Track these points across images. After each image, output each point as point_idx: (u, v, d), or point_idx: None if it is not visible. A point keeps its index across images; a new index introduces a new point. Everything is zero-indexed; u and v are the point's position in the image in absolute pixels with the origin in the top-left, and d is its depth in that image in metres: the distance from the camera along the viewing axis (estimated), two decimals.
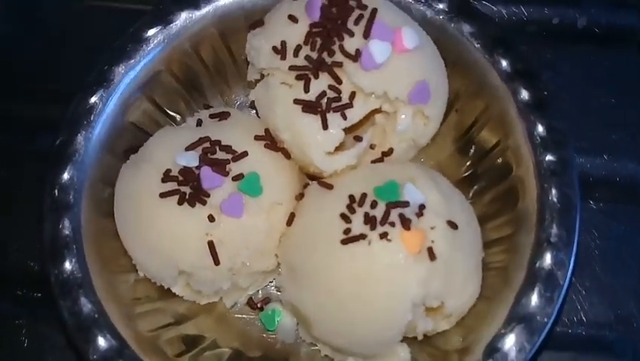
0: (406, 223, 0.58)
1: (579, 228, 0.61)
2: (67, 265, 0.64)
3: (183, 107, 0.77)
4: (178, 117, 0.76)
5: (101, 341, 0.61)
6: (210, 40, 0.74)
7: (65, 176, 0.67)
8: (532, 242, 0.62)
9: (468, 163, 0.73)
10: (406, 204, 0.59)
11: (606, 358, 0.71)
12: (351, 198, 0.60)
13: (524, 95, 0.67)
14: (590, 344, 0.71)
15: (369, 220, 0.58)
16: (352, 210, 0.60)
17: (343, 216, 0.59)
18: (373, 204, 0.59)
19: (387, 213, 0.58)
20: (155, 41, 0.72)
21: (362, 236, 0.58)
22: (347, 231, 0.59)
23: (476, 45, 0.70)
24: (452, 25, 0.71)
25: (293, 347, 0.70)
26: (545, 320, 0.58)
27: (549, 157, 0.64)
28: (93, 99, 0.69)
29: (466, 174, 0.73)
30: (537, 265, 0.60)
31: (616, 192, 0.77)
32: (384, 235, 0.58)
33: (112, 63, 0.71)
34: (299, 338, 0.70)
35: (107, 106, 0.70)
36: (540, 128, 0.65)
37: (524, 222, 0.63)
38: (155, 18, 0.72)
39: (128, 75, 0.71)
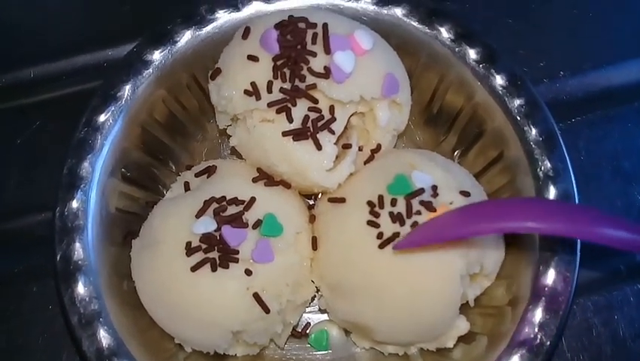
0: (430, 207, 0.61)
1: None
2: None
3: (160, 175, 0.75)
4: (160, 187, 0.75)
5: None
6: (162, 101, 0.73)
7: (80, 289, 0.64)
8: (532, 182, 0.67)
9: (442, 132, 0.77)
10: (421, 191, 0.63)
11: None
12: (371, 203, 0.63)
13: (473, 55, 0.72)
14: None
15: (397, 218, 0.61)
16: (377, 215, 0.62)
17: (371, 223, 0.62)
18: (393, 202, 0.62)
19: (409, 206, 0.62)
20: (110, 121, 0.70)
21: (396, 234, 0.61)
22: (380, 235, 0.61)
23: (414, 23, 0.74)
24: (385, 11, 0.74)
25: (351, 358, 0.73)
26: (548, 343, 0.62)
27: (517, 101, 0.70)
28: (75, 204, 0.67)
29: (444, 141, 0.77)
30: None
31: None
32: (415, 225, 0.61)
33: (78, 159, 0.68)
34: (354, 347, 0.72)
35: (90, 203, 0.67)
36: (499, 80, 0.71)
37: (516, 168, 0.69)
38: (105, 99, 0.70)
39: (96, 166, 0.68)
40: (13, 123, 0.83)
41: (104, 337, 0.62)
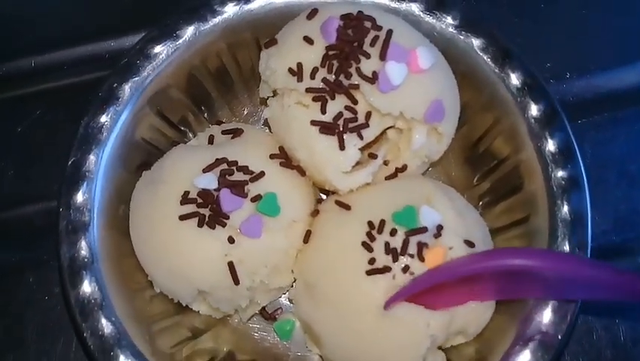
0: (421, 255, 0.59)
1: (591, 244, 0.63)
2: (87, 287, 0.64)
3: (193, 121, 0.76)
4: (188, 132, 0.76)
5: None
6: (218, 54, 0.74)
7: (80, 197, 0.67)
8: None
9: (478, 175, 0.74)
10: (423, 230, 0.60)
11: None
12: (370, 224, 0.61)
13: (534, 110, 0.68)
14: None
15: (390, 251, 0.60)
16: (372, 238, 0.61)
17: (365, 245, 0.60)
18: (393, 232, 0.61)
19: (405, 244, 0.60)
20: (163, 57, 0.71)
21: (387, 269, 0.59)
22: (372, 261, 0.60)
23: (486, 59, 0.71)
24: (462, 38, 0.71)
25: (306, 358, 0.72)
26: (559, 336, 0.60)
27: (560, 173, 0.66)
28: (103, 118, 0.69)
29: (476, 185, 0.74)
30: None
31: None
32: (406, 269, 0.59)
33: (120, 81, 0.70)
34: (312, 351, 0.71)
35: (118, 124, 0.69)
36: (551, 145, 0.67)
37: (536, 237, 0.65)
38: (162, 33, 0.71)
39: (137, 92, 0.70)
40: (13, 113, 0.82)
41: (83, 247, 0.65)
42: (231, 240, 0.62)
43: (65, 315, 0.73)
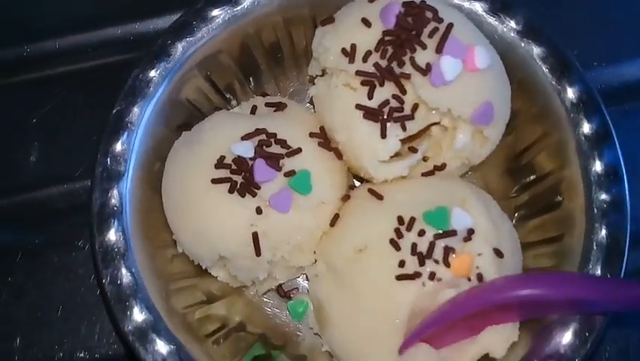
0: (446, 260, 0.58)
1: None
2: (112, 235, 0.65)
3: (239, 89, 0.77)
4: (232, 100, 0.76)
5: (137, 313, 0.63)
6: (273, 26, 0.74)
7: (119, 146, 0.67)
8: None
9: (517, 187, 0.72)
10: (452, 233, 0.59)
11: None
12: (400, 220, 0.60)
13: (586, 128, 0.66)
14: None
15: (417, 254, 0.59)
16: (400, 235, 0.60)
17: (393, 243, 0.59)
18: (421, 233, 0.59)
19: (431, 248, 0.59)
20: (219, 21, 0.71)
21: (417, 275, 0.58)
22: (401, 263, 0.59)
23: (544, 68, 0.69)
24: (522, 45, 0.69)
25: (314, 340, 0.72)
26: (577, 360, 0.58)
27: (603, 196, 0.63)
28: (152, 73, 0.69)
29: (514, 197, 0.72)
30: None
31: None
32: (433, 276, 0.58)
33: (174, 39, 0.70)
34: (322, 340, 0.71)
35: (165, 80, 0.70)
36: (598, 166, 0.65)
37: (567, 258, 0.63)
38: None
39: (189, 52, 0.71)
40: (36, 94, 0.82)
41: (114, 196, 0.66)
42: (259, 211, 0.62)
43: (90, 296, 0.75)
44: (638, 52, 0.81)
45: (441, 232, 0.59)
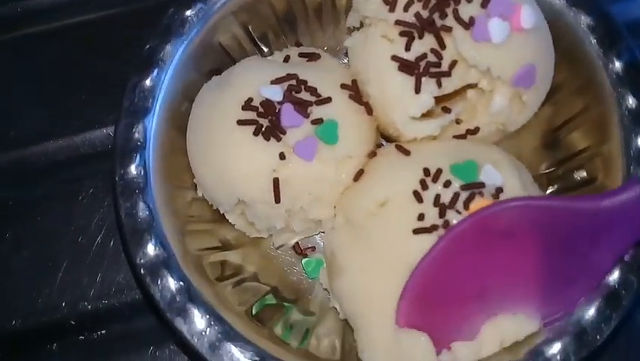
0: (467, 206, 0.56)
1: None
2: (133, 169, 0.64)
3: (273, 40, 0.75)
4: (265, 49, 0.75)
5: (151, 248, 0.62)
6: None
7: (148, 82, 0.67)
8: None
9: (551, 162, 0.69)
10: (481, 185, 0.57)
11: None
12: (426, 171, 0.58)
13: (631, 102, 0.63)
14: None
15: (439, 205, 0.57)
16: (425, 187, 0.58)
17: (416, 194, 0.58)
18: (447, 183, 0.57)
19: (456, 196, 0.56)
20: None
21: (434, 227, 0.56)
22: (421, 216, 0.57)
23: (592, 39, 0.66)
24: (571, 13, 0.67)
25: (326, 298, 0.70)
26: (598, 337, 0.56)
27: None
28: (189, 12, 0.68)
29: (546, 171, 0.70)
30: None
31: None
32: (446, 225, 0.56)
33: None
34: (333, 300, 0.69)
35: (201, 22, 0.69)
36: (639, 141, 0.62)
37: None
38: None
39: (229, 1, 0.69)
40: (40, 47, 0.81)
41: (139, 131, 0.65)
42: (282, 156, 0.61)
43: (90, 247, 0.75)
44: None
45: (468, 183, 0.57)
